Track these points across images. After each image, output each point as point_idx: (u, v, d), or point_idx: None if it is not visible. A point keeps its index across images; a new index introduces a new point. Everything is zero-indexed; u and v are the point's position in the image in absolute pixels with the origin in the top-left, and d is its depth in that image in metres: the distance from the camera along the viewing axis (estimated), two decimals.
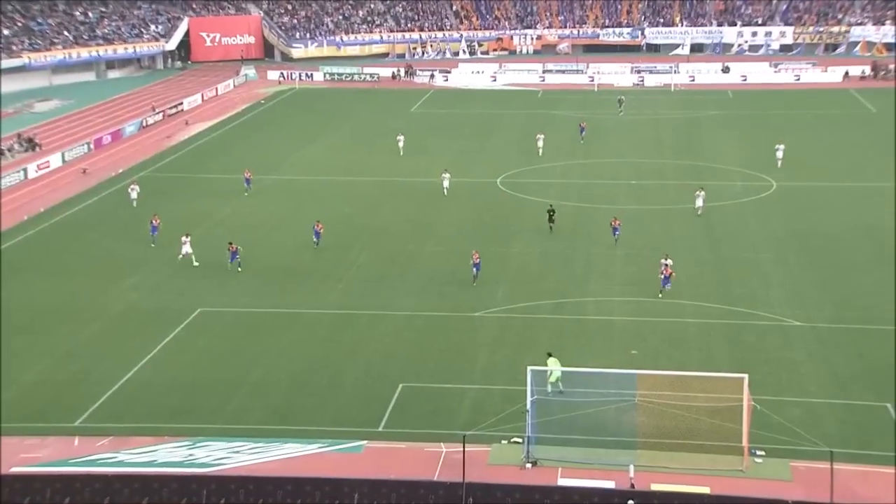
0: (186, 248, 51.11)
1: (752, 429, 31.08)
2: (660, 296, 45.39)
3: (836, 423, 33.85)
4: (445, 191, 63.22)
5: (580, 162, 75.78)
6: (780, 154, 70.23)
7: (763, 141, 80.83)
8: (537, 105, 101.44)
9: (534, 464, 31.10)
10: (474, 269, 47.35)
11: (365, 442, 32.88)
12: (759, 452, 31.40)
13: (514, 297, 46.48)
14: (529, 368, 32.35)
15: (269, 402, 36.45)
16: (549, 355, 35.65)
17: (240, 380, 38.35)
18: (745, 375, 31.32)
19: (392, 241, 56.42)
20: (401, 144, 77.59)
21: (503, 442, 32.53)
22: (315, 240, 54.36)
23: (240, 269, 49.88)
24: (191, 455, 31.79)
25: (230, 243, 51.71)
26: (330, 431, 33.82)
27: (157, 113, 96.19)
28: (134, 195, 63.36)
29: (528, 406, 31.60)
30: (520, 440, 32.10)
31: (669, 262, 46.96)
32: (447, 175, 63.55)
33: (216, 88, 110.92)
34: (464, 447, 30.37)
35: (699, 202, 58.71)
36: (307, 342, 42.05)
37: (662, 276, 46.25)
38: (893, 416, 34.07)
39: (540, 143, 76.20)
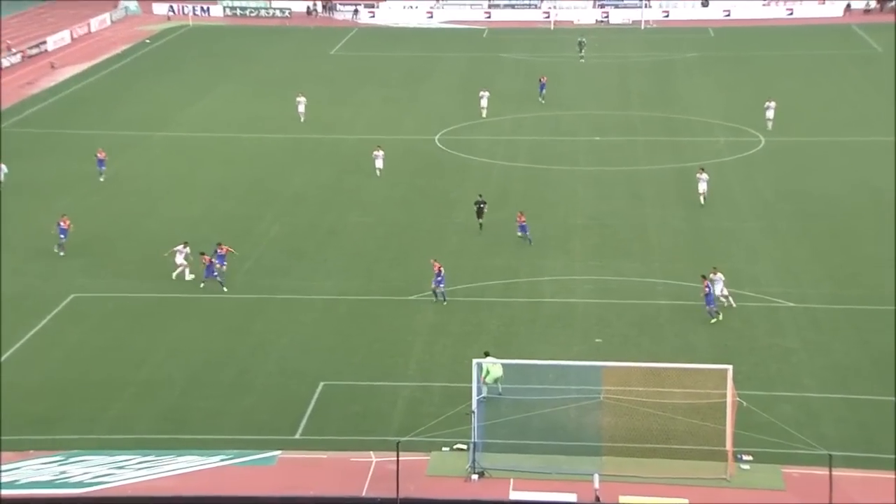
0: (180, 259, 46.16)
1: (738, 430, 31.52)
2: (713, 321, 41.40)
3: (834, 421, 34.51)
4: (378, 171, 59.98)
5: (534, 115, 75.97)
6: (770, 114, 69.65)
7: (749, 88, 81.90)
8: (482, 47, 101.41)
9: (481, 474, 31.23)
10: (436, 282, 43.64)
11: (278, 452, 32.71)
12: (745, 457, 31.87)
13: (456, 277, 46.48)
14: (475, 362, 32.42)
15: (160, 406, 36.05)
16: (486, 354, 35.76)
17: (123, 380, 37.86)
18: (729, 367, 31.72)
19: (309, 211, 56.06)
20: (301, 109, 73.00)
21: (444, 449, 32.60)
22: (60, 241, 48.82)
23: (225, 290, 44.70)
24: (63, 473, 31.36)
25: (204, 253, 45.38)
26: (236, 440, 33.58)
27: (14, 53, 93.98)
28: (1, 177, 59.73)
29: (474, 406, 31.66)
30: (464, 447, 32.15)
31: (719, 276, 42.52)
32: (380, 153, 60.39)
33: (88, 24, 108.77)
34: (397, 456, 30.32)
35: (702, 186, 54.72)
36: (206, 334, 41.65)
37: (706, 294, 41.75)
38: None
39: (484, 103, 74.13)
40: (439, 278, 43.39)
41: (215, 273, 45.24)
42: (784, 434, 32.43)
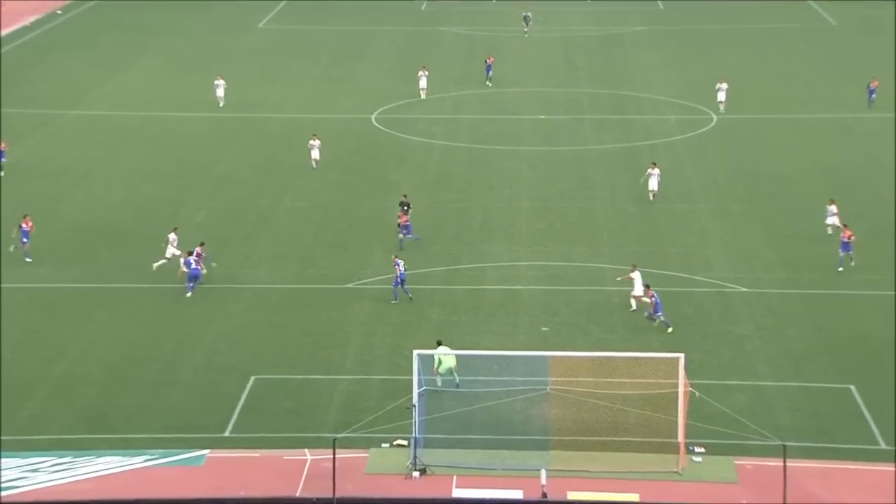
0: (172, 250, 45.32)
1: (690, 420, 31.97)
2: (669, 330, 40.18)
3: (789, 410, 35.12)
4: (315, 163, 58.42)
5: (476, 92, 76.05)
6: (721, 96, 69.26)
7: (700, 64, 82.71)
8: (420, 20, 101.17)
9: (422, 471, 31.33)
10: (396, 282, 42.65)
11: (207, 451, 32.55)
12: (698, 450, 32.31)
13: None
14: (416, 353, 32.50)
15: (78, 404, 35.68)
16: (439, 344, 35.88)
17: (38, 376, 37.42)
18: (681, 355, 32.14)
19: (238, 195, 55.75)
20: (220, 93, 70.69)
21: (384, 445, 32.65)
22: (21, 243, 46.41)
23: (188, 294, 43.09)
24: None
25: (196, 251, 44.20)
26: (161, 439, 33.36)
27: None
28: None
29: (415, 400, 31.75)
30: (405, 443, 32.26)
31: (637, 274, 41.79)
32: (316, 142, 58.73)
33: None
34: (333, 453, 30.20)
35: (653, 182, 53.29)
36: (128, 326, 41.28)
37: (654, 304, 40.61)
38: (858, 400, 35.57)
39: (423, 84, 73.16)
40: (401, 276, 42.40)
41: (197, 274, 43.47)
42: (737, 424, 32.92)
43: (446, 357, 35.34)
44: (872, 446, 32.61)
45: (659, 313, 40.39)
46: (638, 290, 41.71)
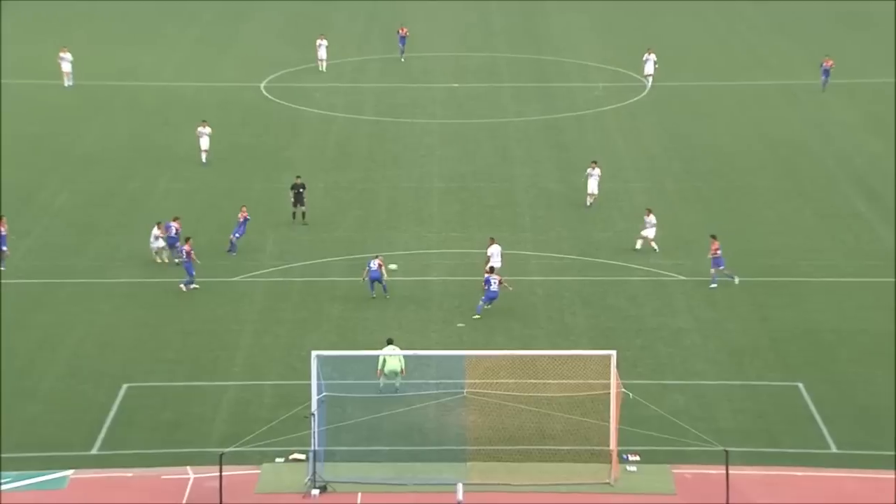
0: (160, 242, 45.04)
1: (623, 426, 32.21)
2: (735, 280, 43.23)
3: (732, 412, 35.59)
4: (204, 155, 56.13)
5: (379, 57, 75.85)
6: (649, 67, 69.37)
7: (630, 24, 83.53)
8: None
9: (322, 489, 31.24)
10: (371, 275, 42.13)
11: (71, 472, 32.02)
12: (631, 457, 32.58)
13: (290, 254, 46.18)
14: (314, 354, 32.28)
15: None
16: (389, 342, 35.68)
17: None
18: (613, 352, 32.36)
19: (105, 175, 55.09)
20: (66, 68, 67.47)
21: (278, 460, 32.47)
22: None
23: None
24: None
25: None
26: (16, 459, 32.63)
27: None
28: None
29: (314, 408, 31.61)
30: (302, 457, 32.10)
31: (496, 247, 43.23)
32: (206, 129, 56.12)
33: None
34: (220, 471, 30.00)
35: (592, 184, 50.93)
36: None
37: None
38: (807, 398, 36.09)
39: (322, 54, 72.03)
40: (375, 270, 41.81)
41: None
42: (675, 429, 33.27)
43: (391, 358, 35.05)
44: (822, 450, 33.16)
45: (721, 267, 43.09)
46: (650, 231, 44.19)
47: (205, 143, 56.17)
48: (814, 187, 54.16)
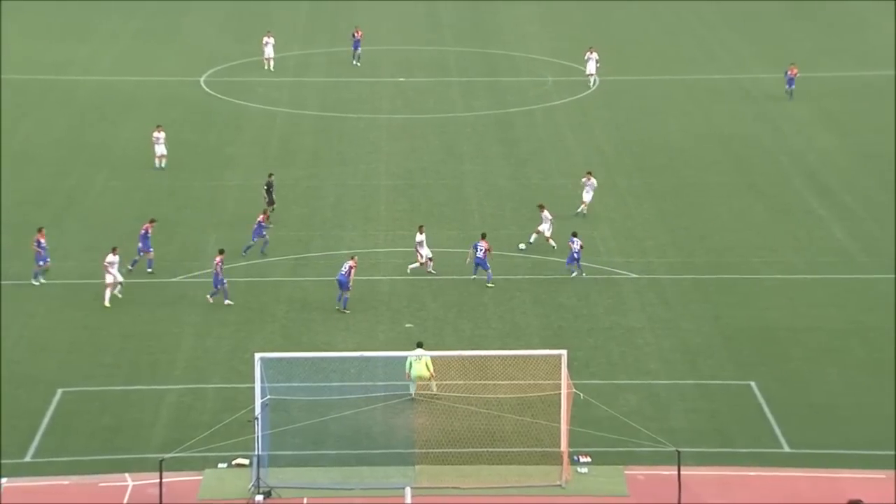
0: (116, 275, 42.28)
1: (574, 427, 32.38)
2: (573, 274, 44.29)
3: (684, 412, 35.86)
4: (159, 161, 54.97)
5: (325, 51, 75.66)
6: (591, 66, 68.71)
7: (580, 18, 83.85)
8: None
9: (267, 494, 31.16)
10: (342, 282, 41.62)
11: (3, 480, 31.73)
12: (583, 459, 32.73)
13: (234, 253, 45.97)
14: (258, 356, 32.20)
15: None
16: (419, 345, 35.48)
17: None
18: (564, 352, 32.53)
19: (39, 173, 54.70)
20: None
21: (221, 466, 32.37)
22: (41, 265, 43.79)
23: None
24: None
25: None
26: None
27: None
28: None
29: (258, 412, 31.53)
30: (246, 462, 32.04)
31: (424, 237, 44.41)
32: (161, 135, 54.88)
33: None
34: (160, 477, 29.93)
35: (588, 195, 50.35)
36: None
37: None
38: (760, 398, 36.43)
39: (269, 52, 70.89)
40: (344, 274, 41.30)
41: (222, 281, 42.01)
42: (627, 429, 33.50)
43: (417, 362, 34.71)
44: (775, 449, 33.53)
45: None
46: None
47: (161, 148, 54.96)
48: (766, 183, 54.67)
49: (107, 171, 55.00)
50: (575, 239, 44.27)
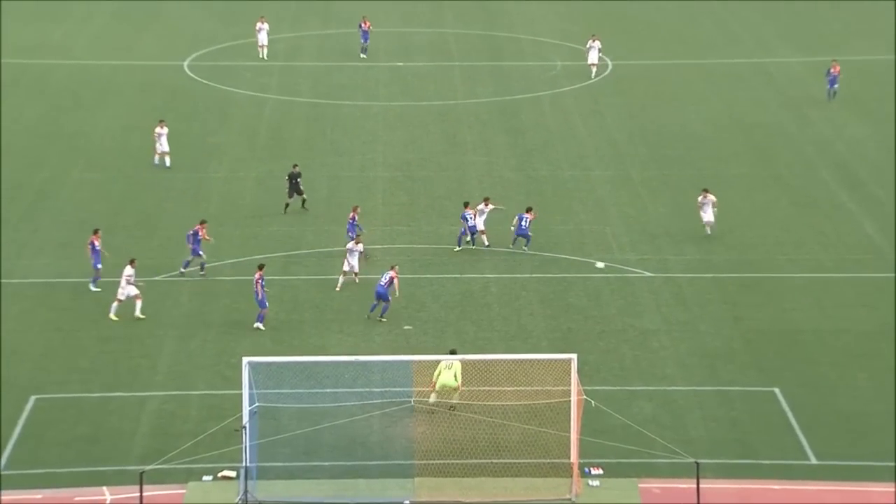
0: (131, 290, 41.58)
1: (585, 436, 32.39)
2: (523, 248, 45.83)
3: (703, 420, 35.82)
4: (159, 158, 54.72)
5: (318, 33, 75.66)
6: (593, 56, 68.21)
7: None
8: None
9: None
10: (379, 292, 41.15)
11: None
12: (595, 471, 32.73)
13: (220, 250, 46.00)
14: (246, 360, 32.21)
15: None
16: (452, 352, 35.31)
17: None
18: (573, 356, 32.48)
19: (10, 165, 54.62)
20: None
21: (206, 478, 32.37)
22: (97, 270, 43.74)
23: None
24: None
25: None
26: None
27: None
28: None
29: (246, 421, 31.54)
30: (233, 474, 32.01)
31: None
32: (164, 130, 54.74)
33: None
34: (140, 490, 29.93)
35: (707, 214, 47.99)
36: None
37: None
38: (784, 405, 36.35)
39: (262, 40, 70.51)
40: (383, 285, 40.95)
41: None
42: (642, 439, 33.47)
43: (447, 370, 34.27)
44: (800, 461, 33.49)
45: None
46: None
47: (163, 145, 54.51)
48: (791, 175, 54.65)
49: (82, 163, 55.04)
50: (525, 216, 45.93)
